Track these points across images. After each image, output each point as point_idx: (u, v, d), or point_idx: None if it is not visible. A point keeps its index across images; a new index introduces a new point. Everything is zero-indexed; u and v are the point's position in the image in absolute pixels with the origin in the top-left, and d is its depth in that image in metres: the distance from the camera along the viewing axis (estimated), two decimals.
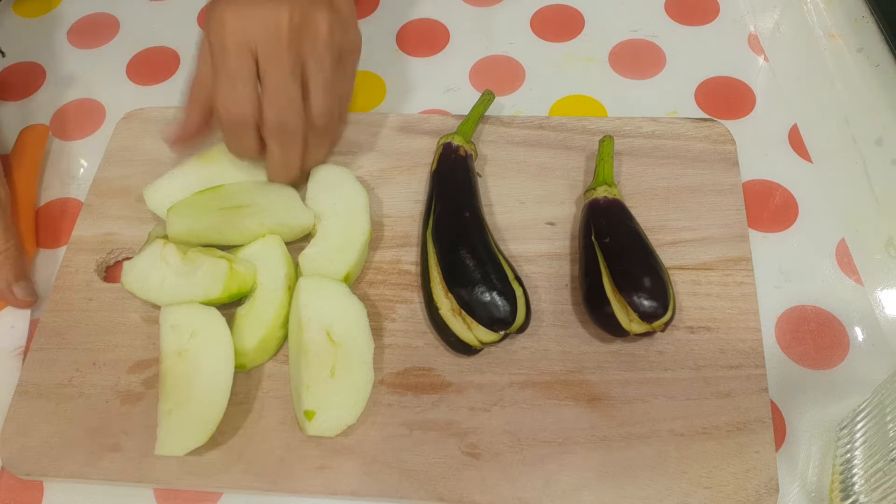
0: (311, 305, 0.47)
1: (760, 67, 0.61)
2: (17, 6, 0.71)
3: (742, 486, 0.42)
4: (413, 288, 0.50)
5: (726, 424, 0.44)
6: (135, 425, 0.46)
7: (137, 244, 0.53)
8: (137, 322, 0.50)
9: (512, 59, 0.63)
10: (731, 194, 0.52)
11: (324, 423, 0.44)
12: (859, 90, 0.59)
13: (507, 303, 0.45)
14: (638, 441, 0.44)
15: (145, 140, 0.58)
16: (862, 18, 0.63)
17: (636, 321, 0.44)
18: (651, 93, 0.60)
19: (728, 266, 0.49)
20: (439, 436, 0.45)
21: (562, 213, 0.53)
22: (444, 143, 0.53)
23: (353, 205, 0.51)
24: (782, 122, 0.57)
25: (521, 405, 0.46)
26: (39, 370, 0.49)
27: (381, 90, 0.62)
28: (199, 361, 0.45)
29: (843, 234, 0.51)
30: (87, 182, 0.57)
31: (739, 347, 0.46)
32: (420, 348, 0.48)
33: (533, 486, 0.43)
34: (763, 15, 0.64)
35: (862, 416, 0.42)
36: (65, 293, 0.51)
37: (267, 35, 0.46)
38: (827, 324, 0.48)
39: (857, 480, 0.40)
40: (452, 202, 0.50)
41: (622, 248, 0.47)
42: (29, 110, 0.63)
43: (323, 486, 0.44)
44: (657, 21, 0.64)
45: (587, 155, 0.55)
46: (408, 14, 0.66)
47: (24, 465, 0.46)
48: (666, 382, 0.46)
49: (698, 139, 0.55)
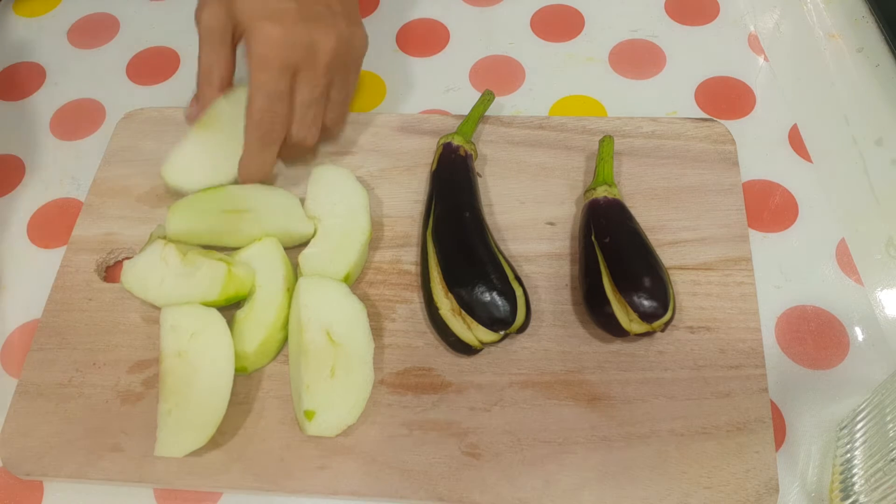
0: (311, 306, 0.47)
1: (760, 67, 0.61)
2: (17, 6, 0.71)
3: (742, 486, 0.42)
4: (413, 288, 0.50)
5: (726, 424, 0.44)
6: (135, 425, 0.46)
7: (137, 244, 0.53)
8: (137, 322, 0.50)
9: (512, 59, 0.63)
10: (731, 194, 0.52)
11: (324, 423, 0.44)
12: (859, 90, 0.59)
13: (507, 303, 0.45)
14: (638, 441, 0.44)
15: (145, 140, 0.58)
16: (862, 18, 0.63)
17: (636, 321, 0.44)
18: (651, 93, 0.60)
19: (728, 266, 0.49)
20: (439, 436, 0.45)
21: (562, 213, 0.53)
22: (444, 143, 0.53)
23: (353, 205, 0.51)
24: (782, 122, 0.57)
25: (521, 405, 0.46)
26: (39, 370, 0.49)
27: (381, 90, 0.62)
28: (199, 362, 0.45)
29: (843, 234, 0.51)
30: (87, 182, 0.57)
31: (739, 347, 0.46)
32: (420, 348, 0.48)
33: (533, 486, 0.43)
34: (763, 15, 0.64)
35: (862, 416, 0.42)
36: (65, 293, 0.51)
37: (309, 57, 0.49)
38: (827, 324, 0.48)
39: (857, 480, 0.40)
40: (452, 202, 0.50)
41: (622, 248, 0.47)
42: (29, 110, 0.63)
43: (323, 486, 0.44)
44: (657, 21, 0.64)
45: (587, 155, 0.55)
46: (408, 14, 0.66)
47: (24, 465, 0.46)
48: (666, 382, 0.46)
49: (698, 139, 0.55)
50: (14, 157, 0.61)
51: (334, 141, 0.57)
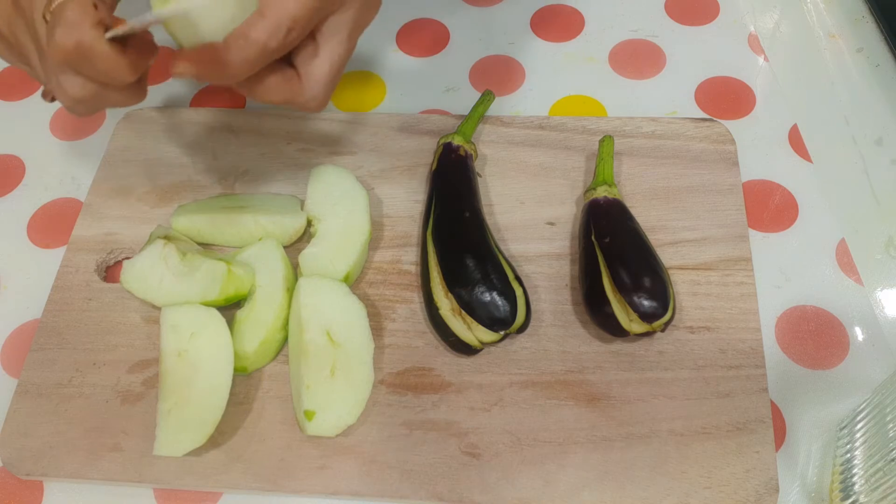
0: (311, 306, 0.47)
1: (760, 67, 0.61)
2: None
3: (742, 486, 0.42)
4: (413, 288, 0.50)
5: (726, 424, 0.44)
6: (135, 425, 0.46)
7: (137, 244, 0.53)
8: (137, 322, 0.50)
9: (512, 59, 0.63)
10: (731, 194, 0.52)
11: (324, 423, 0.44)
12: (859, 90, 0.59)
13: (507, 303, 0.45)
14: (638, 441, 0.44)
15: (145, 140, 0.58)
16: (862, 18, 0.63)
17: (636, 321, 0.44)
18: (651, 93, 0.60)
19: (728, 266, 0.49)
20: (439, 436, 0.45)
21: (562, 213, 0.53)
22: (444, 143, 0.53)
23: (353, 205, 0.51)
24: (782, 122, 0.57)
25: (521, 405, 0.46)
26: (39, 370, 0.49)
27: (381, 90, 0.62)
28: (199, 362, 0.45)
29: (843, 234, 0.51)
30: (87, 182, 0.57)
31: (739, 347, 0.46)
32: (420, 348, 0.48)
33: (533, 486, 0.43)
34: (763, 15, 0.64)
35: (862, 416, 0.42)
36: (65, 293, 0.51)
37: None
38: (827, 324, 0.48)
39: (857, 480, 0.40)
40: (452, 202, 0.50)
41: (622, 248, 0.47)
42: (29, 110, 0.63)
43: (323, 486, 0.44)
44: (657, 21, 0.64)
45: (587, 155, 0.55)
46: (408, 14, 0.66)
47: (24, 465, 0.46)
48: (666, 382, 0.46)
49: (698, 139, 0.55)
50: (14, 157, 0.61)
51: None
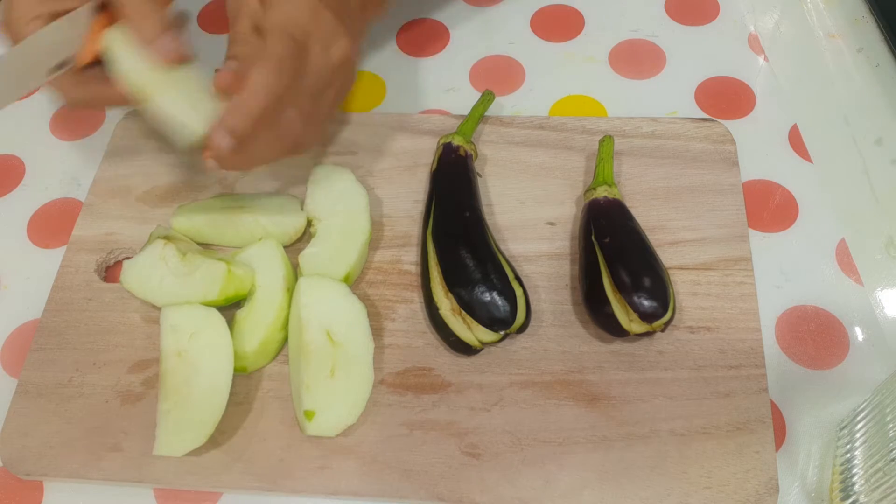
0: (311, 306, 0.47)
1: (760, 67, 0.61)
2: None
3: (742, 486, 0.42)
4: (413, 288, 0.50)
5: (726, 424, 0.44)
6: (135, 425, 0.46)
7: (137, 244, 0.53)
8: (137, 322, 0.50)
9: (512, 59, 0.63)
10: (731, 194, 0.52)
11: (324, 423, 0.44)
12: (859, 90, 0.59)
13: (507, 303, 0.45)
14: (638, 441, 0.44)
15: (145, 140, 0.58)
16: (862, 18, 0.63)
17: (636, 321, 0.44)
18: (651, 93, 0.60)
19: (728, 266, 0.49)
20: (439, 436, 0.45)
21: (562, 213, 0.53)
22: (444, 143, 0.53)
23: (353, 205, 0.51)
24: (782, 122, 0.57)
25: (521, 405, 0.46)
26: (39, 370, 0.49)
27: (381, 90, 0.62)
28: (199, 362, 0.45)
29: (843, 234, 0.51)
30: (87, 182, 0.57)
31: (739, 347, 0.46)
32: (420, 348, 0.48)
33: (533, 486, 0.43)
34: (763, 15, 0.64)
35: (862, 416, 0.42)
36: (65, 293, 0.51)
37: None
38: (827, 324, 0.48)
39: (857, 480, 0.40)
40: (452, 202, 0.50)
41: (622, 248, 0.47)
42: (29, 110, 0.63)
43: (323, 486, 0.44)
44: (657, 21, 0.64)
45: (587, 155, 0.55)
46: (408, 14, 0.66)
47: (24, 465, 0.46)
48: (666, 382, 0.46)
49: (698, 139, 0.55)
50: (14, 157, 0.61)
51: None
